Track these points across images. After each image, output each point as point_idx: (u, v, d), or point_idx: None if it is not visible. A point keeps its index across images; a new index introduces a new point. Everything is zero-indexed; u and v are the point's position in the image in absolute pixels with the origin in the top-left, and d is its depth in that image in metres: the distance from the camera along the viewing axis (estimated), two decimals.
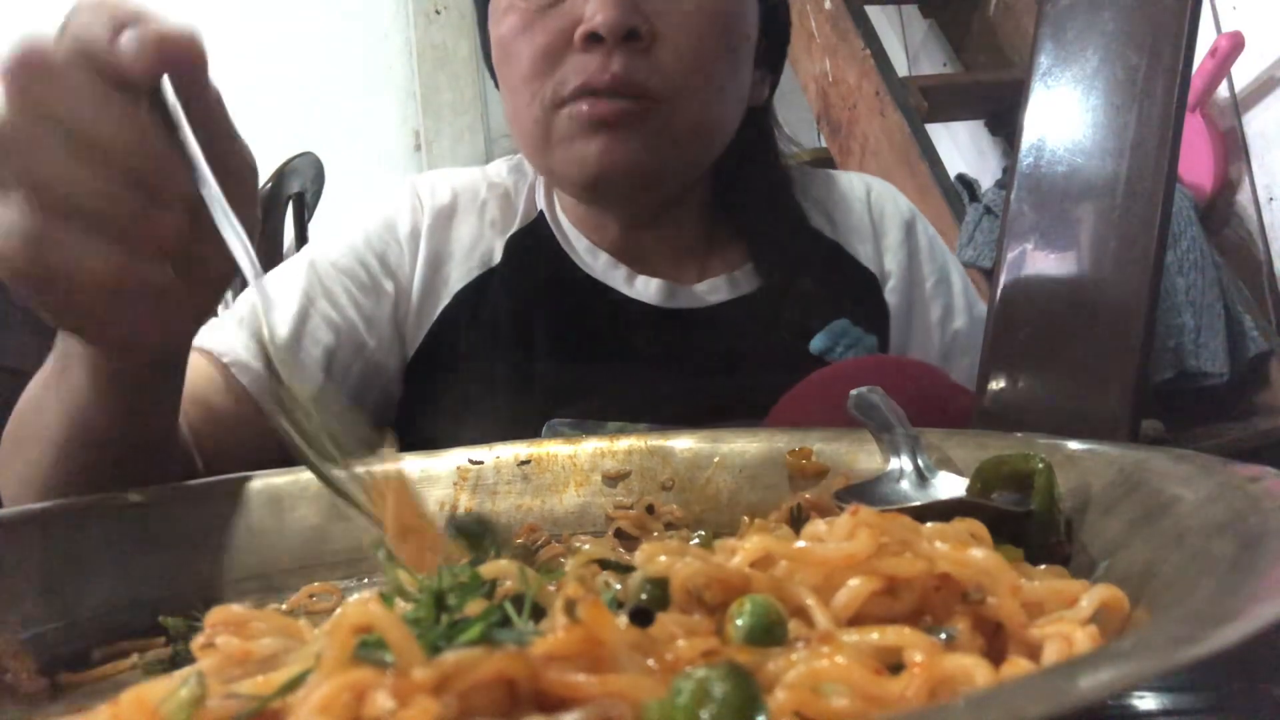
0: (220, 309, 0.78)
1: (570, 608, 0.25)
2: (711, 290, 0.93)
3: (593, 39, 0.79)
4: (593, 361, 0.87)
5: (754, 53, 0.90)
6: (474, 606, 0.29)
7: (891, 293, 0.98)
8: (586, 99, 0.80)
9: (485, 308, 0.91)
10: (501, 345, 0.89)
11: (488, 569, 0.31)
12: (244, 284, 0.47)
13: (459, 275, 0.92)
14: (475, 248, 0.93)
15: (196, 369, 0.77)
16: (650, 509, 0.58)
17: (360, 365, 0.87)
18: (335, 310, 0.86)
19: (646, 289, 0.92)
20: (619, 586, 0.32)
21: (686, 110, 0.83)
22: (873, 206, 1.02)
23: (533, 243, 0.93)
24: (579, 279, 0.92)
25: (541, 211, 0.95)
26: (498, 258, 0.93)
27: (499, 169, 1.00)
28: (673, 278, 0.93)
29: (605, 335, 0.91)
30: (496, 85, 0.91)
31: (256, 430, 0.77)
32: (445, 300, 0.91)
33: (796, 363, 0.79)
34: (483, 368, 0.87)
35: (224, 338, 0.79)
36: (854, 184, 1.04)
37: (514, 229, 0.94)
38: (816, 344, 0.89)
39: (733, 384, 0.86)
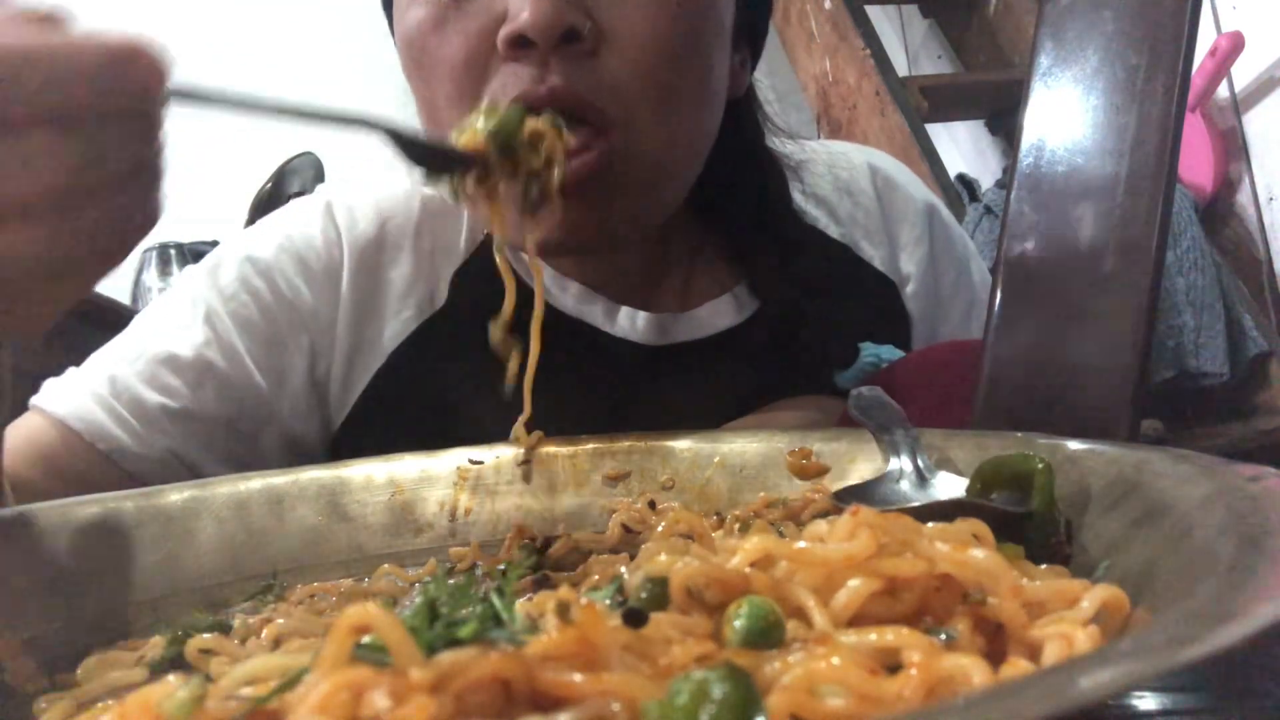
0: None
1: (564, 609, 0.25)
2: (707, 316, 0.80)
3: (521, 43, 0.62)
4: (572, 419, 0.65)
5: (730, 38, 0.73)
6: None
7: (912, 298, 0.86)
8: None
9: (429, 363, 0.75)
10: (453, 408, 0.73)
11: None
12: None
13: (394, 329, 0.75)
14: (412, 289, 0.76)
15: (38, 430, 0.69)
16: (652, 505, 0.58)
17: (272, 436, 0.74)
18: (234, 370, 0.72)
19: (632, 325, 0.77)
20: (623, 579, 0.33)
21: (650, 134, 0.66)
22: (882, 196, 0.88)
23: (485, 278, 0.66)
24: (547, 318, 0.70)
25: (490, 233, 0.73)
26: (442, 299, 0.76)
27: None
28: (658, 304, 0.79)
29: (584, 386, 0.74)
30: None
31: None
32: (379, 361, 0.75)
33: (814, 390, 0.70)
34: (431, 437, 0.64)
35: (71, 402, 0.69)
36: (857, 167, 0.90)
37: (460, 260, 0.77)
38: (846, 379, 0.76)
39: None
